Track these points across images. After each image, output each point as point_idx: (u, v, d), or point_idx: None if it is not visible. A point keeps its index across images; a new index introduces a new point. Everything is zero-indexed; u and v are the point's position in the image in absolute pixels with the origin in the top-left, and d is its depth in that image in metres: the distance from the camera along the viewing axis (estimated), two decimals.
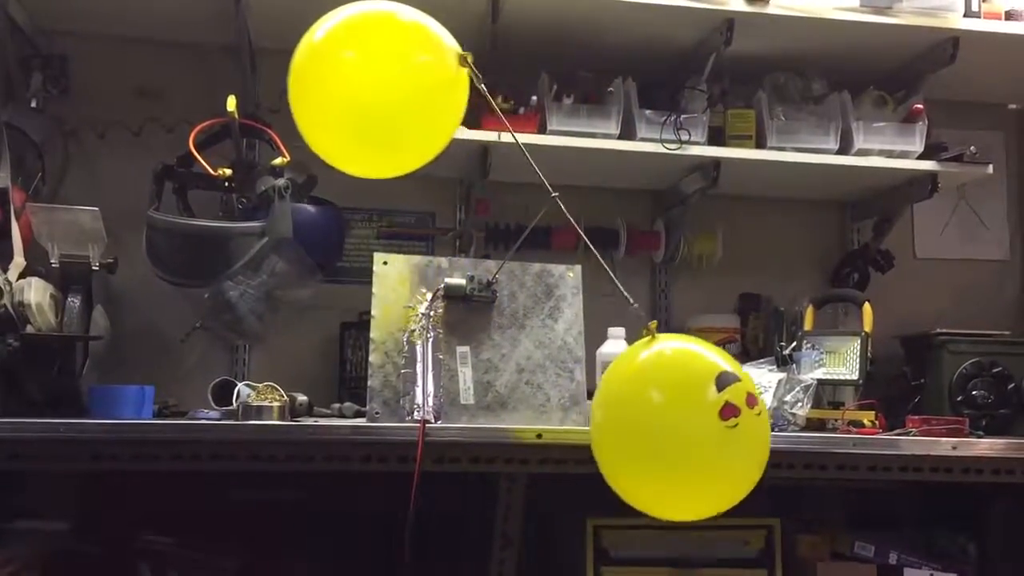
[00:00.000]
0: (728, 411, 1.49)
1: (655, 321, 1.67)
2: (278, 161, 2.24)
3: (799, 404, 2.19)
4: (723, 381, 1.51)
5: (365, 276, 2.33)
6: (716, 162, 2.49)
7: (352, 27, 1.67)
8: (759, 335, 2.76)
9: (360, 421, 2.00)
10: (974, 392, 2.46)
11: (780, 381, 2.21)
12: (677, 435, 1.52)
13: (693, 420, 1.52)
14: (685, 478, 1.55)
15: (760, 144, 2.54)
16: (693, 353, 1.62)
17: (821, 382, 2.28)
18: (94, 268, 2.05)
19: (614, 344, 2.28)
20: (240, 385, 2.07)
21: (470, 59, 1.71)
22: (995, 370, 2.48)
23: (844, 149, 2.55)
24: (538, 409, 1.98)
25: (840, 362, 2.34)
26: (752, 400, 1.52)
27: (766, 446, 1.59)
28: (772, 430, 2.05)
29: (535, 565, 2.27)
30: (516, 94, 2.42)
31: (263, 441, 1.84)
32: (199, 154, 2.23)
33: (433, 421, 1.87)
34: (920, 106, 2.59)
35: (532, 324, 2.04)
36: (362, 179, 2.65)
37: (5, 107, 2.30)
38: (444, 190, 2.74)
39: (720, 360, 1.56)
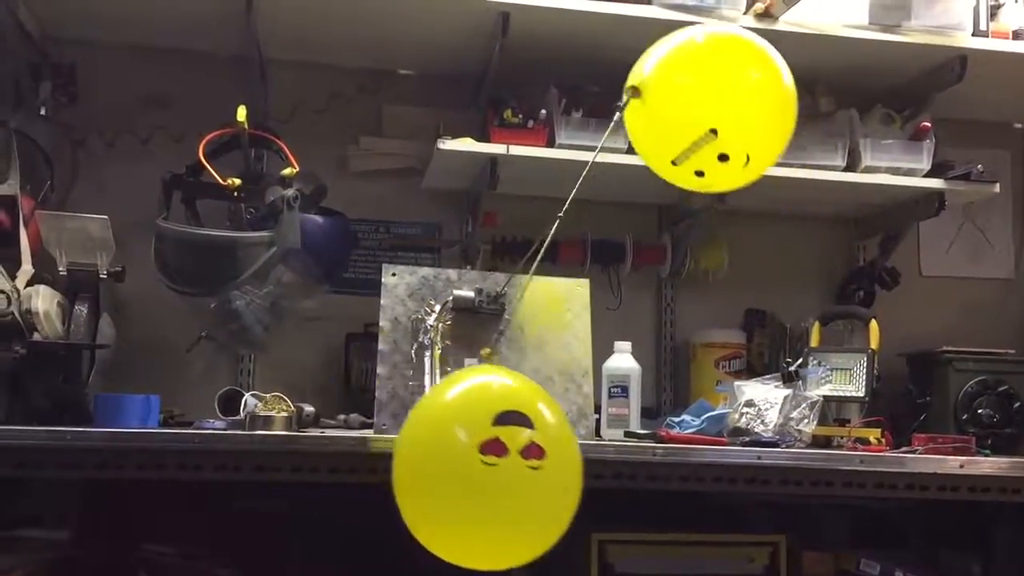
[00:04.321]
0: (491, 447, 1.40)
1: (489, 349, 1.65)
2: (287, 172, 2.23)
3: (805, 421, 2.18)
4: (504, 419, 1.42)
5: (370, 287, 2.34)
6: None
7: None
8: (764, 351, 2.76)
9: (367, 432, 2.00)
10: (979, 411, 2.45)
11: (786, 397, 2.20)
12: (440, 462, 1.44)
13: (456, 448, 1.42)
14: (443, 510, 1.46)
15: None
16: (502, 387, 1.53)
17: (827, 399, 2.28)
18: (102, 276, 2.05)
19: (620, 358, 2.27)
20: (247, 395, 2.07)
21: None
22: (1000, 388, 2.47)
23: (851, 166, 2.56)
24: None
25: (846, 379, 2.34)
26: (534, 452, 1.41)
27: (541, 505, 1.47)
28: (778, 446, 2.07)
29: None
30: (525, 108, 2.43)
31: (270, 452, 1.84)
32: (208, 164, 2.23)
33: None
34: (927, 124, 2.60)
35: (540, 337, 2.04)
36: (368, 189, 2.69)
37: (14, 115, 2.30)
38: (451, 202, 2.74)
39: (539, 405, 1.48)
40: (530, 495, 1.44)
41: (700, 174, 1.75)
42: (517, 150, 2.38)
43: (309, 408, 2.13)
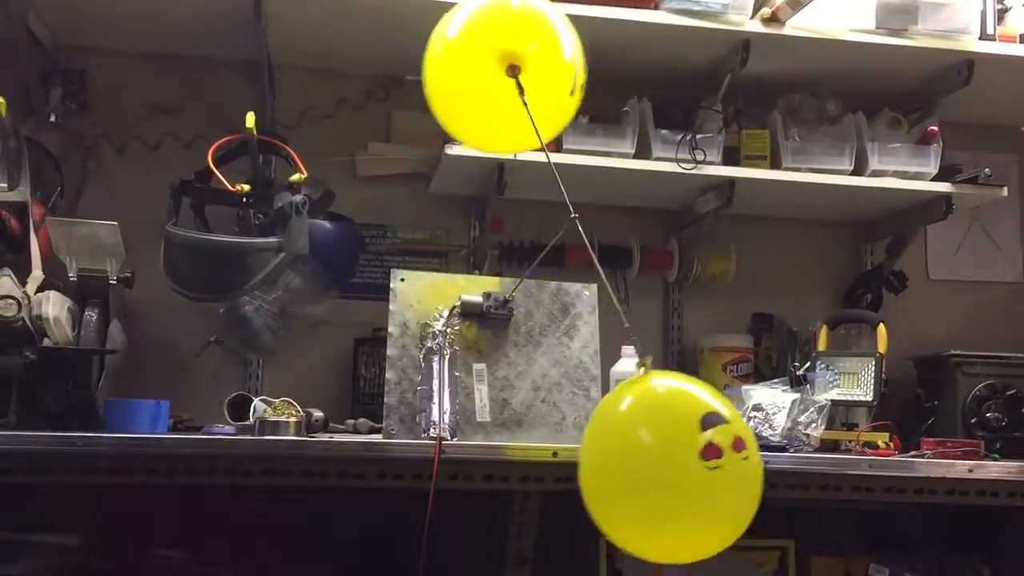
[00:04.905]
0: (710, 452, 1.41)
1: (649, 358, 1.63)
2: (295, 177, 2.25)
3: (813, 425, 2.18)
4: (708, 421, 1.43)
5: (378, 292, 2.35)
6: (731, 182, 2.50)
7: None
8: (772, 355, 2.76)
9: (375, 437, 2.00)
10: (988, 414, 2.44)
11: (794, 401, 2.20)
12: (660, 475, 1.44)
13: (676, 460, 1.43)
14: (667, 520, 1.46)
15: (775, 164, 2.56)
16: (684, 392, 1.53)
17: (835, 403, 2.28)
18: (111, 282, 2.06)
19: (628, 363, 2.27)
20: (256, 400, 2.07)
21: None
22: (1009, 392, 2.46)
23: (858, 170, 2.56)
24: (554, 427, 1.98)
25: (854, 383, 2.34)
26: (740, 444, 1.43)
27: (754, 491, 1.49)
28: (786, 451, 2.07)
29: None
30: None
31: (279, 456, 1.84)
32: (217, 170, 2.24)
33: (449, 438, 1.87)
34: (935, 128, 2.60)
35: (548, 342, 2.04)
36: (376, 195, 2.70)
37: (25, 121, 2.31)
38: (459, 207, 2.75)
39: (712, 400, 1.48)
40: (746, 485, 1.47)
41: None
42: (524, 155, 2.38)
43: (318, 413, 2.13)
